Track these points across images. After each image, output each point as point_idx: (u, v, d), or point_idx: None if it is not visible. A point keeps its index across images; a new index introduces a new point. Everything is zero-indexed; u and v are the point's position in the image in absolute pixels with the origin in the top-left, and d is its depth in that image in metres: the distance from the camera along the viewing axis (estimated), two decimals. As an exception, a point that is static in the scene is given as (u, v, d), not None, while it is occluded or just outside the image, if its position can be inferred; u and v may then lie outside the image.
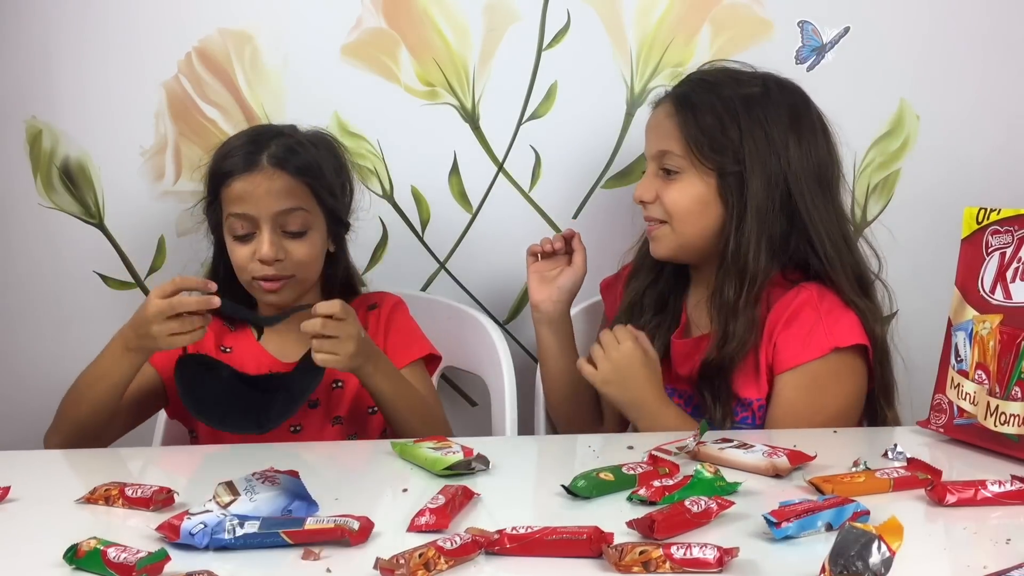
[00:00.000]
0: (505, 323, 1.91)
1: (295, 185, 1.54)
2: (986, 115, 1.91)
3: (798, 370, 1.48)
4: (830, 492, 1.08)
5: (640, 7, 1.86)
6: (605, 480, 1.12)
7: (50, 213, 1.85)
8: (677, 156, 1.51)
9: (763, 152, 1.49)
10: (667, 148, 1.52)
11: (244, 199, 1.53)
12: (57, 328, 1.87)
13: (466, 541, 0.93)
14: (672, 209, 1.52)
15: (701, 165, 1.50)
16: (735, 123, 1.50)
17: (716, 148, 1.50)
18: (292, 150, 1.56)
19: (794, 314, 1.49)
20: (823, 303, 1.50)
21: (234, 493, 1.03)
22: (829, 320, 1.48)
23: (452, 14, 1.84)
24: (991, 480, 1.09)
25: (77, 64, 1.82)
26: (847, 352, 1.48)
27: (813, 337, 1.47)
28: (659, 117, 1.56)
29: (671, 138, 1.52)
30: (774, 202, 1.49)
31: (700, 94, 1.53)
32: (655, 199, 1.54)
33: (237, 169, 1.54)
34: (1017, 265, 1.27)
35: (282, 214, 1.53)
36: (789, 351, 1.48)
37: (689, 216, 1.52)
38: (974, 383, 1.29)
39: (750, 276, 1.48)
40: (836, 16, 1.88)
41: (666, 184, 1.53)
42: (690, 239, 1.54)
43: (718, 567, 0.90)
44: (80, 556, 0.92)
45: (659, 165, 1.54)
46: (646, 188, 1.55)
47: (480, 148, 1.88)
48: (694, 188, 1.51)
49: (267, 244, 1.52)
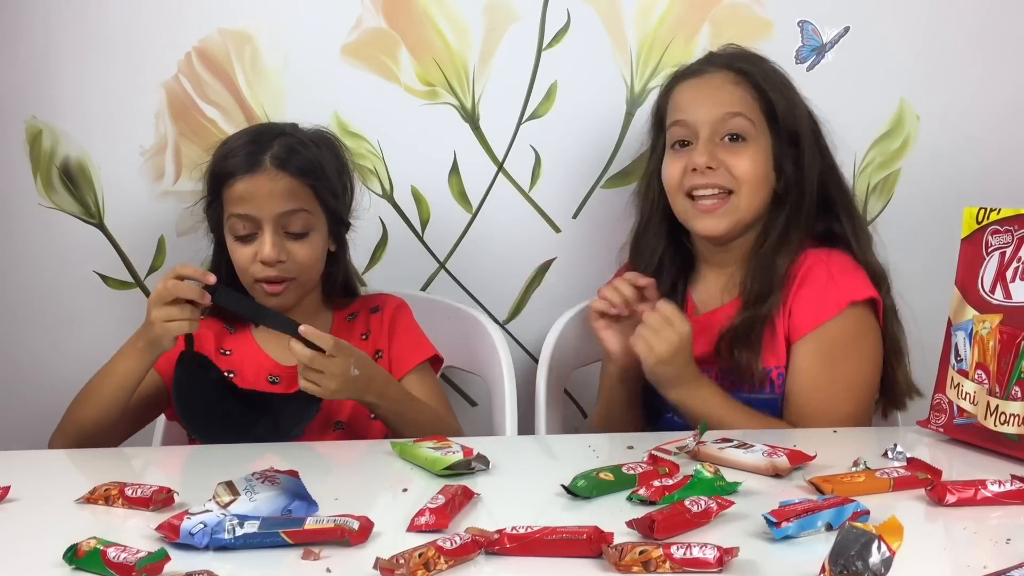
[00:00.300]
0: (505, 323, 1.91)
1: (297, 186, 1.54)
2: (986, 115, 1.91)
3: (815, 334, 1.48)
4: (830, 492, 1.08)
5: (640, 7, 1.86)
6: (605, 480, 1.12)
7: (50, 213, 1.85)
8: (749, 120, 1.51)
9: (806, 122, 1.55)
10: (737, 110, 1.51)
11: (246, 200, 1.52)
12: (57, 328, 1.87)
13: (466, 541, 0.93)
14: (743, 175, 1.51)
15: (768, 133, 1.52)
16: (789, 91, 1.55)
17: (783, 117, 1.53)
18: (294, 150, 1.56)
19: (804, 277, 1.50)
20: (832, 263, 1.52)
21: (234, 493, 1.03)
22: (842, 278, 1.50)
23: (452, 14, 1.84)
24: (991, 480, 1.09)
25: (77, 64, 1.82)
26: (862, 308, 1.50)
27: (827, 295, 1.49)
28: (718, 84, 1.54)
29: (740, 103, 1.52)
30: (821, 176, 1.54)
31: (756, 63, 1.56)
32: (719, 167, 1.51)
33: (239, 169, 1.53)
34: (1017, 265, 1.27)
35: (284, 215, 1.52)
36: (804, 315, 1.49)
37: (758, 185, 1.52)
38: (974, 383, 1.29)
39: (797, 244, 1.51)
40: (836, 16, 1.88)
41: (733, 152, 1.51)
42: (751, 212, 1.53)
43: (718, 567, 0.90)
44: (80, 556, 0.92)
45: (722, 132, 1.52)
46: (708, 153, 1.51)
47: (480, 148, 1.88)
48: (762, 154, 1.52)
49: (269, 245, 1.51)
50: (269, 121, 1.79)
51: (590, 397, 1.91)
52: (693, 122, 1.54)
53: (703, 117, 1.53)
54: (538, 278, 1.91)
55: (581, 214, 1.90)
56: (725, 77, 1.55)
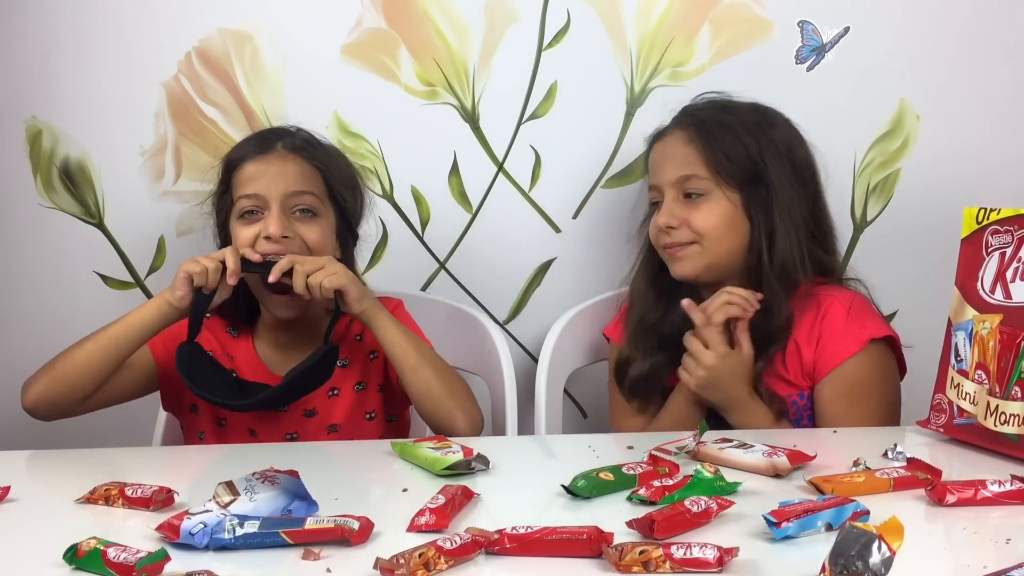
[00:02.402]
0: (505, 323, 1.91)
1: (308, 170, 1.55)
2: (986, 115, 1.91)
3: (836, 374, 1.50)
4: (830, 492, 1.08)
5: (640, 7, 1.86)
6: (605, 480, 1.12)
7: (50, 213, 1.85)
8: (702, 179, 1.54)
9: (781, 166, 1.56)
10: (691, 172, 1.55)
11: (255, 178, 1.53)
12: (57, 328, 1.86)
13: (466, 541, 0.93)
14: (703, 230, 1.54)
15: (726, 185, 1.54)
16: (753, 138, 1.56)
17: (740, 166, 1.54)
18: (308, 141, 1.59)
19: (823, 316, 1.53)
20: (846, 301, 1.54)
21: (234, 493, 1.03)
22: (858, 316, 1.53)
23: (452, 14, 1.84)
24: (991, 480, 1.09)
25: (77, 64, 1.83)
26: (881, 345, 1.52)
27: (846, 334, 1.51)
28: (673, 145, 1.58)
29: (693, 163, 1.55)
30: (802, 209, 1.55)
31: (714, 116, 1.58)
32: (680, 224, 1.55)
33: (250, 154, 1.55)
34: (1017, 265, 1.27)
35: (292, 195, 1.53)
36: (826, 353, 1.52)
37: (721, 234, 1.55)
38: (974, 383, 1.29)
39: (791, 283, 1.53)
40: (836, 16, 1.88)
41: (692, 208, 1.55)
42: (720, 257, 1.56)
43: (718, 567, 0.90)
44: (80, 556, 0.92)
45: (681, 191, 1.56)
46: (670, 215, 1.56)
47: (480, 148, 1.88)
48: (721, 207, 1.55)
49: (275, 222, 1.51)
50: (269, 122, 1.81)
51: (590, 397, 1.92)
52: (659, 185, 1.59)
53: (663, 180, 1.58)
54: (538, 278, 1.91)
55: (581, 214, 1.90)
56: (679, 137, 1.58)
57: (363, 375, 1.60)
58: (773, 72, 1.85)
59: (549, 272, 1.91)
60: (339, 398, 1.58)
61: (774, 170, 1.55)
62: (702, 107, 1.62)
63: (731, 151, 1.55)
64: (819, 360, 1.52)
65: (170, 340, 1.53)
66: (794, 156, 1.58)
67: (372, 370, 1.60)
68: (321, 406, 1.57)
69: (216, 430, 1.58)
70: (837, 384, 1.51)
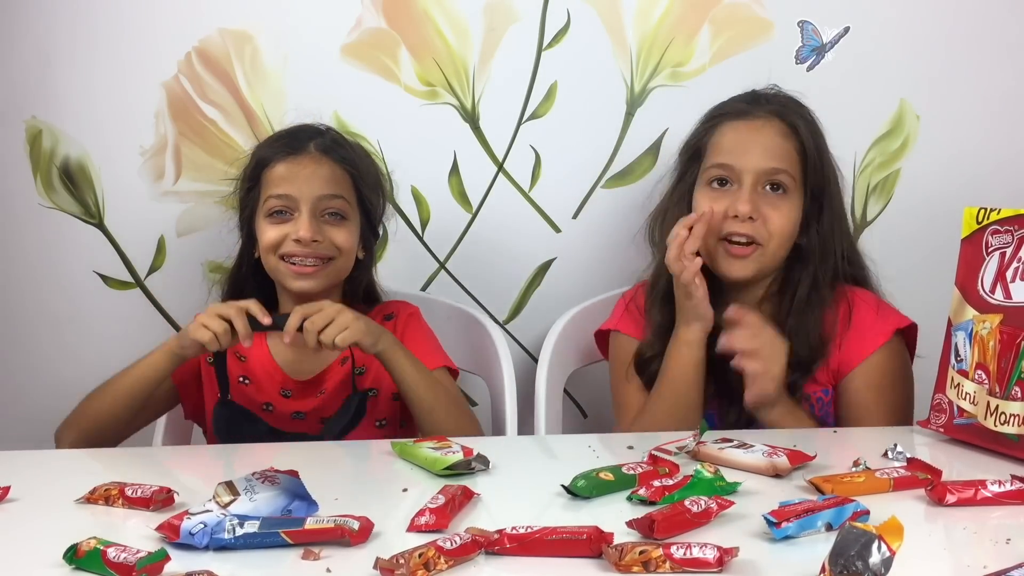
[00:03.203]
0: (505, 323, 1.91)
1: (340, 173, 1.57)
2: (986, 115, 1.91)
3: (865, 366, 1.51)
4: (830, 492, 1.08)
5: (640, 7, 1.86)
6: (605, 480, 1.12)
7: (50, 213, 1.85)
8: (790, 176, 1.53)
9: (835, 180, 1.58)
10: (782, 167, 1.52)
11: (288, 179, 1.54)
12: (57, 328, 1.87)
13: (466, 541, 0.93)
14: (776, 231, 1.52)
15: (805, 188, 1.53)
16: (822, 149, 1.56)
17: (818, 173, 1.54)
18: (338, 142, 1.61)
19: (847, 314, 1.54)
20: (869, 298, 1.57)
21: (234, 493, 1.03)
22: (882, 309, 1.55)
23: (452, 14, 1.84)
24: (991, 480, 1.09)
25: (77, 64, 1.82)
26: (900, 337, 1.54)
27: (875, 325, 1.52)
28: (769, 133, 1.54)
29: (788, 159, 1.53)
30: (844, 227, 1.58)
31: (803, 116, 1.57)
32: (759, 218, 1.52)
33: (282, 153, 1.56)
34: (1017, 265, 1.27)
35: (324, 199, 1.54)
36: (853, 347, 1.52)
37: (786, 239, 1.53)
38: (974, 383, 1.29)
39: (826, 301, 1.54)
40: (836, 16, 1.88)
41: (773, 204, 1.52)
42: (774, 263, 1.55)
43: (718, 567, 0.90)
44: (80, 556, 0.92)
45: (765, 180, 1.52)
46: (752, 204, 1.51)
47: (480, 148, 1.88)
48: (796, 212, 1.54)
49: (306, 225, 1.52)
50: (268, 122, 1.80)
51: (590, 397, 1.92)
52: (739, 168, 1.53)
53: (750, 165, 1.52)
54: (538, 278, 1.91)
55: (581, 214, 1.90)
56: (775, 128, 1.54)
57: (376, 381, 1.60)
58: (773, 72, 1.84)
59: (549, 272, 1.91)
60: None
61: (832, 183, 1.56)
62: (787, 101, 1.59)
63: (817, 156, 1.54)
64: (846, 355, 1.52)
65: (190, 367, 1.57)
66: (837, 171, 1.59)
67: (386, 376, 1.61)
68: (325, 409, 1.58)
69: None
70: (867, 376, 1.51)
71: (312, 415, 1.57)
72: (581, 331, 1.77)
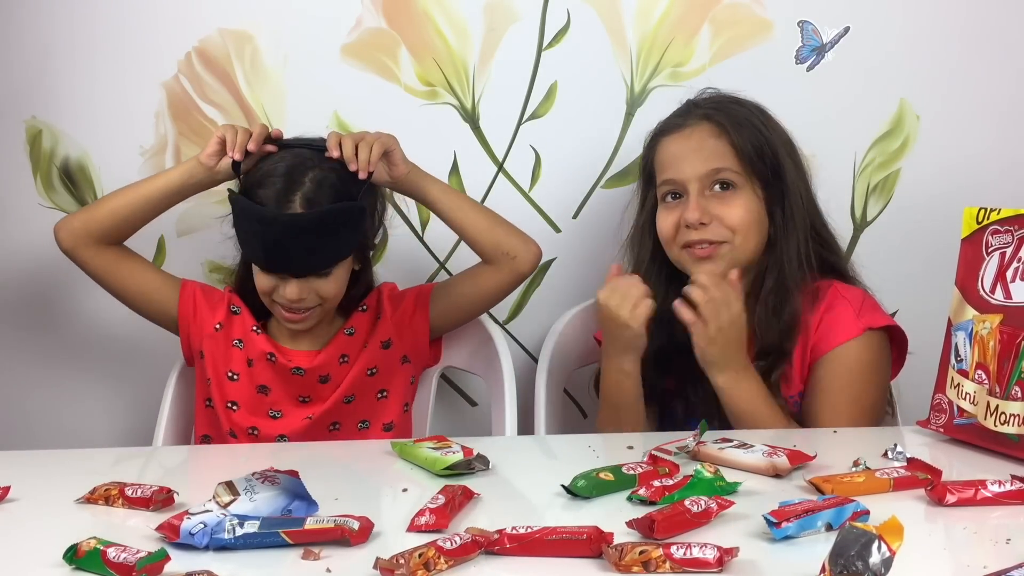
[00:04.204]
0: (505, 323, 1.91)
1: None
2: (986, 115, 1.91)
3: (833, 354, 1.51)
4: (830, 492, 1.08)
5: (640, 7, 1.86)
6: (605, 480, 1.12)
7: (50, 213, 1.84)
8: (735, 172, 1.53)
9: (790, 164, 1.56)
10: (723, 165, 1.53)
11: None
12: (57, 328, 1.87)
13: (466, 541, 0.93)
14: (736, 224, 1.53)
15: (754, 178, 1.53)
16: (769, 137, 1.56)
17: (765, 161, 1.54)
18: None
19: (827, 307, 1.54)
20: (849, 292, 1.56)
21: (234, 493, 1.03)
22: (859, 306, 1.54)
23: (452, 14, 1.84)
24: (991, 480, 1.09)
25: (77, 64, 1.83)
26: (878, 335, 1.53)
27: (845, 321, 1.52)
28: (700, 138, 1.55)
29: (724, 155, 1.54)
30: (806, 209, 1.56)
31: (735, 109, 1.57)
32: (711, 220, 1.53)
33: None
34: (1017, 265, 1.27)
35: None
36: (826, 338, 1.52)
37: (749, 231, 1.54)
38: (974, 383, 1.29)
39: (796, 286, 1.53)
40: (836, 16, 1.88)
41: (723, 204, 1.53)
42: (747, 255, 1.55)
43: (718, 567, 0.90)
44: (80, 556, 0.92)
45: (709, 183, 1.54)
46: (701, 210, 1.52)
47: (480, 148, 1.88)
48: (752, 202, 1.54)
49: (294, 288, 1.53)
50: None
51: (590, 397, 1.91)
52: (682, 179, 1.56)
53: (691, 174, 1.55)
54: (538, 278, 1.91)
55: (581, 214, 1.90)
56: (706, 131, 1.56)
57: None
58: (773, 72, 1.85)
59: (549, 272, 1.91)
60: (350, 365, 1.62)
61: (787, 167, 1.56)
62: (718, 101, 1.61)
63: (757, 145, 1.54)
64: (817, 345, 1.52)
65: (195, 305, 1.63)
66: (794, 154, 1.59)
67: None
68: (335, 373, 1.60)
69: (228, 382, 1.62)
70: (832, 365, 1.51)
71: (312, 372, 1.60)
72: (581, 331, 1.77)
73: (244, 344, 1.62)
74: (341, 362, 1.61)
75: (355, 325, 1.63)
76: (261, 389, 1.60)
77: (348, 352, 1.62)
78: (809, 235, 1.56)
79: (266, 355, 1.61)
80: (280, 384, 1.60)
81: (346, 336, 1.63)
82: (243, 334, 1.63)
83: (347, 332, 1.63)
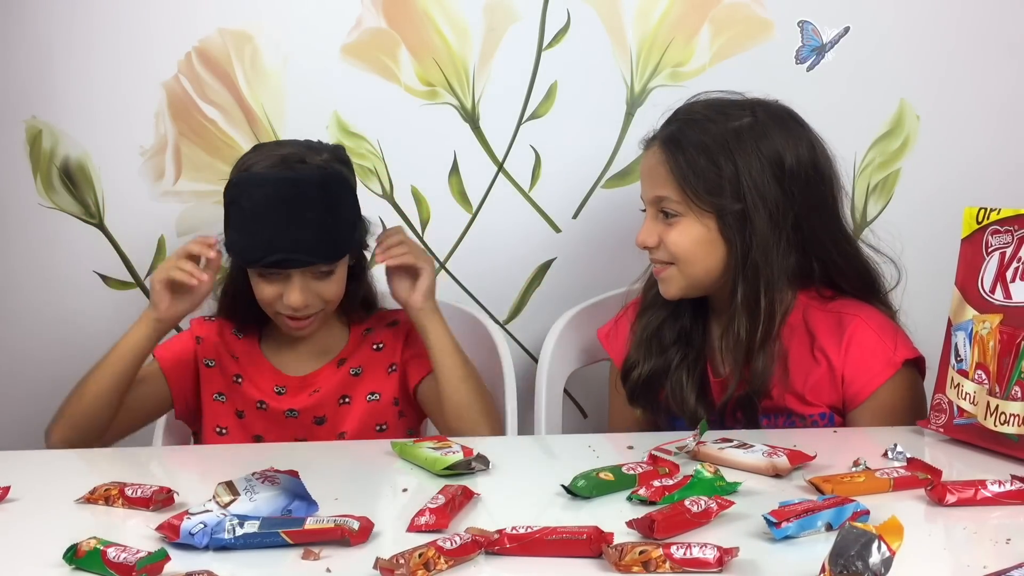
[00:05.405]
0: (505, 323, 1.91)
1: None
2: (986, 115, 1.91)
3: (875, 398, 1.46)
4: (830, 492, 1.08)
5: (640, 7, 1.86)
6: (605, 480, 1.12)
7: (50, 213, 1.85)
8: (674, 202, 1.47)
9: (763, 186, 1.45)
10: (663, 194, 1.48)
11: None
12: (57, 328, 1.87)
13: (466, 541, 0.93)
14: (676, 251, 1.48)
15: (698, 208, 1.46)
16: (730, 160, 1.45)
17: (712, 190, 1.45)
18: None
19: (850, 340, 1.47)
20: (872, 322, 1.49)
21: (234, 493, 1.03)
22: (889, 335, 1.48)
23: (452, 14, 1.84)
24: (991, 480, 1.09)
25: (77, 64, 1.82)
26: (910, 366, 1.48)
27: (881, 355, 1.47)
28: (651, 162, 1.51)
29: (665, 184, 1.48)
30: (781, 235, 1.46)
31: (689, 134, 1.48)
32: (658, 243, 1.50)
33: None
34: (1017, 265, 1.27)
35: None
36: (859, 380, 1.47)
37: (694, 257, 1.48)
38: (974, 383, 1.29)
39: (765, 316, 1.45)
40: (836, 16, 1.88)
41: (667, 228, 1.49)
42: (698, 278, 1.50)
43: (718, 567, 0.90)
44: (80, 556, 0.92)
45: (657, 208, 1.50)
46: (648, 233, 1.50)
47: (480, 148, 1.88)
48: (694, 230, 1.47)
49: (297, 294, 1.49)
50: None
51: (590, 397, 1.92)
52: (643, 199, 1.54)
53: (645, 196, 1.53)
54: (538, 278, 1.91)
55: (581, 214, 1.90)
56: (655, 155, 1.50)
57: (378, 386, 1.60)
58: (773, 72, 1.85)
59: (549, 272, 1.91)
60: (350, 407, 1.59)
61: (752, 193, 1.44)
62: (688, 119, 1.52)
63: (704, 174, 1.45)
64: (853, 385, 1.47)
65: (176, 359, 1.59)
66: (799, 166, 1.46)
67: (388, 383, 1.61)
68: (331, 414, 1.57)
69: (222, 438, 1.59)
70: (874, 412, 1.46)
71: (305, 414, 1.57)
72: (581, 331, 1.77)
73: (227, 397, 1.59)
74: (340, 403, 1.59)
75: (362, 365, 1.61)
76: (256, 439, 1.59)
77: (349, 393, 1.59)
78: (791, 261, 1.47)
79: (256, 404, 1.58)
80: (275, 430, 1.58)
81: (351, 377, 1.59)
82: (224, 386, 1.59)
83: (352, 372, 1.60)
